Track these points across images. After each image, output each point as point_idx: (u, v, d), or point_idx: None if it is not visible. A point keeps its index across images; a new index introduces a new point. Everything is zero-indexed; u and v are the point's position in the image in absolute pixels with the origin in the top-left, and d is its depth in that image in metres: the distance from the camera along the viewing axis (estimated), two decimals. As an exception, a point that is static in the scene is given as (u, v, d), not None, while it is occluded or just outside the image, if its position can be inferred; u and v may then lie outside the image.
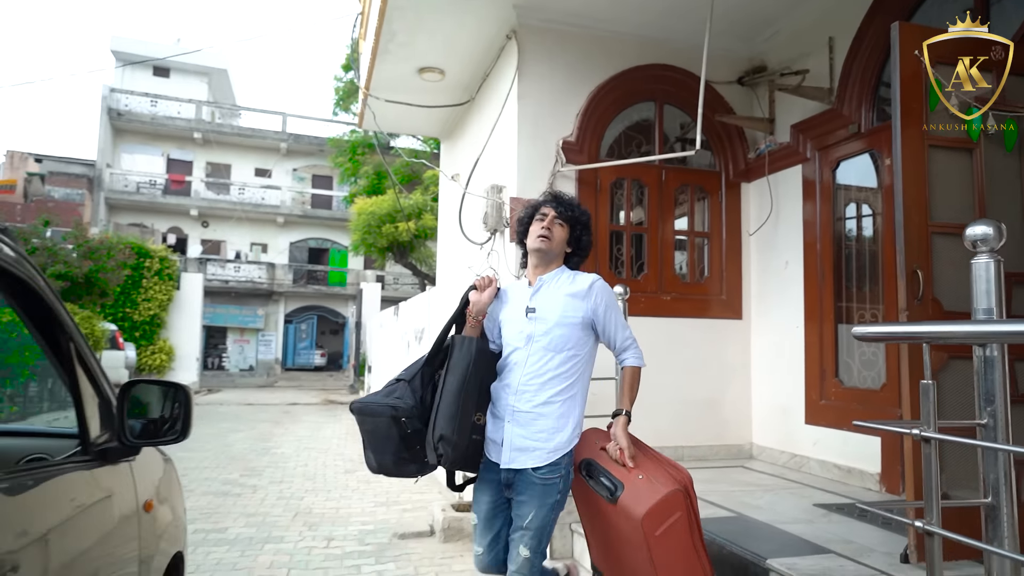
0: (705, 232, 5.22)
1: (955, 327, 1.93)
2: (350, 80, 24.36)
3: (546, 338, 2.25)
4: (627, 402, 2.28)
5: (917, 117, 2.67)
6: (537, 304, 2.31)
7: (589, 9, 4.69)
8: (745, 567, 2.65)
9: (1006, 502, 1.76)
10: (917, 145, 2.65)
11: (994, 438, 1.78)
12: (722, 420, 4.95)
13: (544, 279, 2.36)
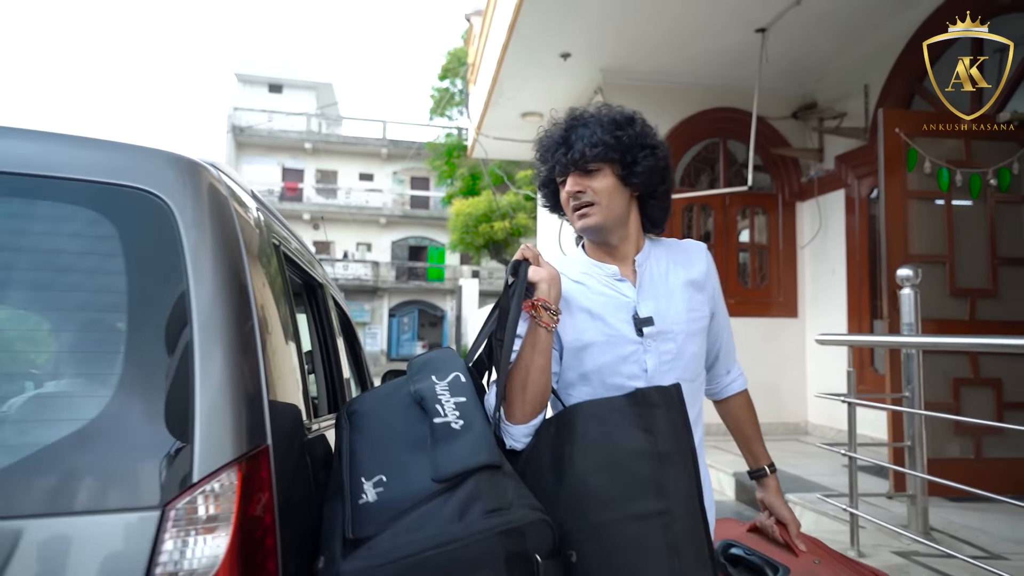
0: (765, 244, 6.22)
1: (885, 338, 3.00)
2: (444, 88, 26.10)
3: (678, 365, 1.32)
4: (766, 451, 1.50)
5: (899, 176, 3.66)
6: (652, 307, 1.33)
7: (661, 67, 5.78)
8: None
9: (921, 445, 2.84)
10: (898, 197, 3.64)
11: (912, 404, 2.85)
12: (780, 401, 5.96)
13: (641, 261, 1.38)
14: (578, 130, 1.32)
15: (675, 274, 1.37)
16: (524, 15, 4.91)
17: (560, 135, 1.34)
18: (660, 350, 1.29)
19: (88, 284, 1.02)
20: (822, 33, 5.06)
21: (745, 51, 5.22)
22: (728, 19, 4.89)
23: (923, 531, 2.78)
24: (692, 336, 1.33)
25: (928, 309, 3.68)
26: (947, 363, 3.67)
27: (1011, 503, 2.04)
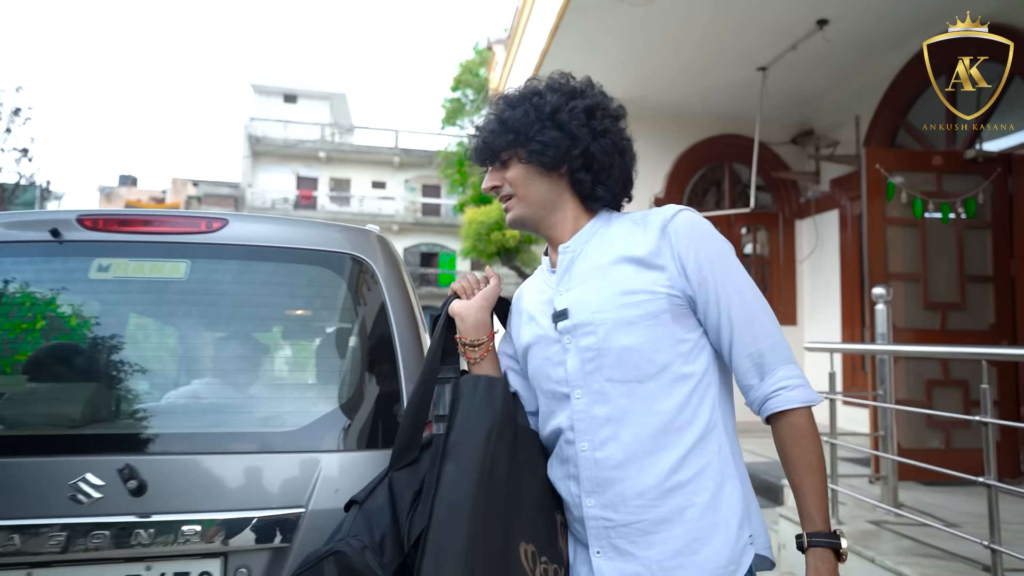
0: (766, 258, 6.80)
1: (860, 346, 3.58)
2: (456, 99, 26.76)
3: (605, 363, 1.12)
4: (820, 512, 1.08)
5: (879, 205, 4.25)
6: (570, 297, 1.18)
7: (672, 99, 6.38)
8: (770, 486, 4.35)
9: (892, 434, 3.42)
10: (878, 223, 4.23)
11: (884, 401, 3.42)
12: (780, 402, 6.52)
13: (572, 245, 1.22)
14: (491, 112, 1.23)
15: (610, 253, 1.16)
16: (551, 55, 5.52)
17: (479, 121, 1.25)
18: (579, 347, 1.13)
19: (327, 316, 1.63)
20: (817, 71, 5.66)
21: (748, 86, 5.81)
22: (732, 59, 5.49)
23: (893, 505, 3.35)
24: (625, 326, 1.09)
25: (906, 320, 4.27)
26: (921, 367, 4.25)
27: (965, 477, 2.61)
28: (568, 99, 1.19)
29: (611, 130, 1.20)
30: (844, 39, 4.97)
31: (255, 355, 1.57)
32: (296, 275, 1.62)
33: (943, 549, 2.78)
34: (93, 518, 1.33)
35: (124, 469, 1.34)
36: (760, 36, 5.10)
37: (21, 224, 1.58)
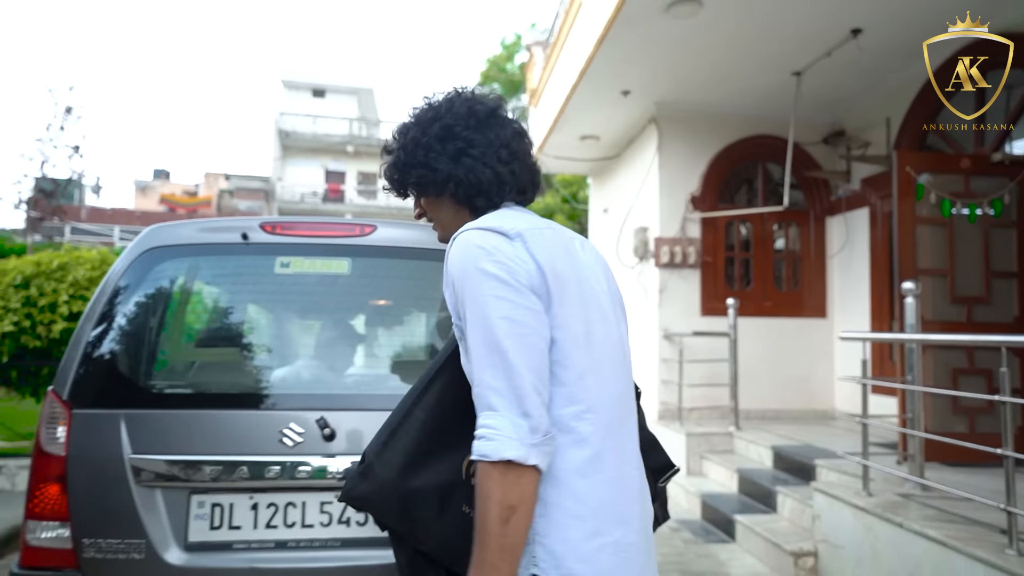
0: (798, 254, 7.09)
1: (892, 335, 3.90)
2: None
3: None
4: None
5: (909, 205, 4.54)
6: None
7: (707, 101, 6.68)
8: (803, 466, 4.68)
9: (920, 416, 3.73)
10: (908, 222, 4.52)
11: (912, 382, 3.73)
12: (810, 391, 6.83)
13: None
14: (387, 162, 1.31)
15: None
16: (595, 63, 5.86)
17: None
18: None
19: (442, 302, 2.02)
20: (850, 75, 5.92)
21: (782, 89, 6.10)
22: (768, 65, 5.78)
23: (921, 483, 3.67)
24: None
25: (933, 313, 4.57)
26: (948, 356, 4.54)
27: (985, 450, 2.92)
28: (424, 130, 1.22)
29: (474, 142, 1.19)
30: (877, 46, 5.24)
31: (406, 331, 1.96)
32: (433, 270, 2.00)
33: (965, 516, 3.11)
34: (296, 457, 1.73)
35: (319, 420, 1.74)
36: (796, 44, 5.39)
37: (216, 229, 1.99)
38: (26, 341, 5.20)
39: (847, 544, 3.53)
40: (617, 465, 1.07)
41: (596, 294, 1.14)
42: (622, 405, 1.12)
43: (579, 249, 1.19)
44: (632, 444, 1.14)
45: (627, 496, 1.08)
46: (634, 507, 1.09)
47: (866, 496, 3.54)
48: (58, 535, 1.73)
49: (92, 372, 1.82)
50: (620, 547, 1.04)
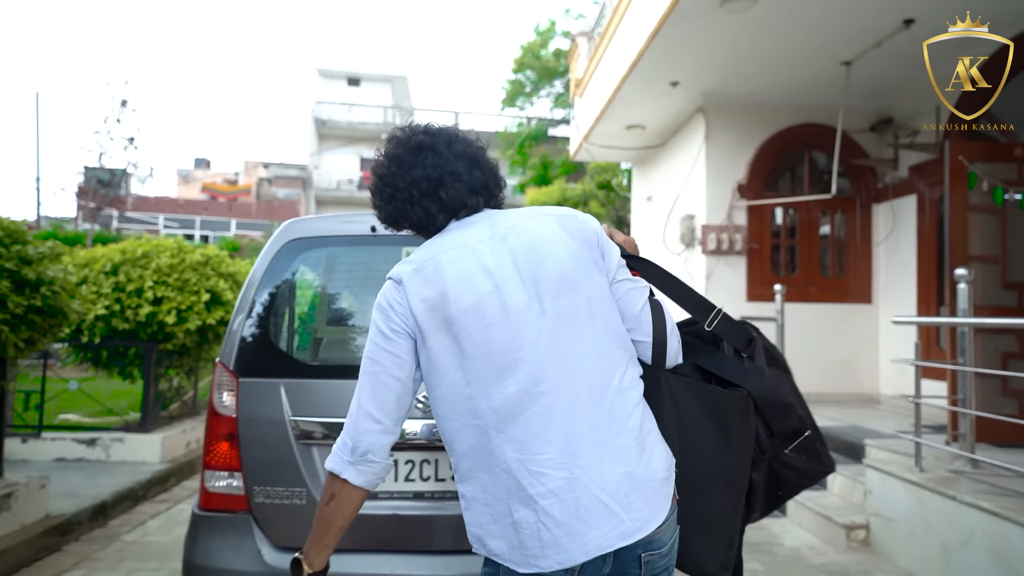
0: (843, 240, 7.20)
1: (946, 319, 4.05)
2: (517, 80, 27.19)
3: None
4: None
5: (961, 193, 4.65)
6: None
7: (754, 90, 6.79)
8: (852, 445, 4.86)
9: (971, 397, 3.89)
10: (960, 210, 4.64)
11: (964, 364, 3.88)
12: (855, 375, 6.96)
13: None
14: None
15: None
16: (646, 56, 6.02)
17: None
18: None
19: None
20: (900, 64, 5.99)
21: (830, 78, 6.20)
22: (817, 55, 5.89)
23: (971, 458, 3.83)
24: None
25: (984, 299, 4.69)
26: (998, 341, 4.67)
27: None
28: (379, 189, 1.41)
29: (415, 184, 1.35)
30: (928, 35, 5.32)
31: None
32: None
33: (1016, 491, 3.28)
34: (429, 420, 2.01)
35: None
36: (847, 34, 5.49)
37: (347, 222, 2.26)
38: (116, 324, 5.60)
39: (899, 517, 3.72)
40: (521, 452, 1.21)
41: (482, 304, 1.25)
42: (531, 394, 1.23)
43: (487, 254, 1.30)
44: (562, 420, 1.23)
45: (538, 476, 1.21)
46: (551, 483, 1.20)
47: (919, 472, 3.72)
48: (229, 484, 2.03)
49: (250, 347, 2.11)
50: (526, 523, 1.20)
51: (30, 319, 3.62)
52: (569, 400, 1.23)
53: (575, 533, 1.19)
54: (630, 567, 1.23)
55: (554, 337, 1.25)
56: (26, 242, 3.71)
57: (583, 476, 1.20)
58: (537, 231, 1.33)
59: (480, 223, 1.36)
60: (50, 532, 3.91)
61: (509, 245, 1.31)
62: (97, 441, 5.57)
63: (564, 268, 1.29)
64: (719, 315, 1.45)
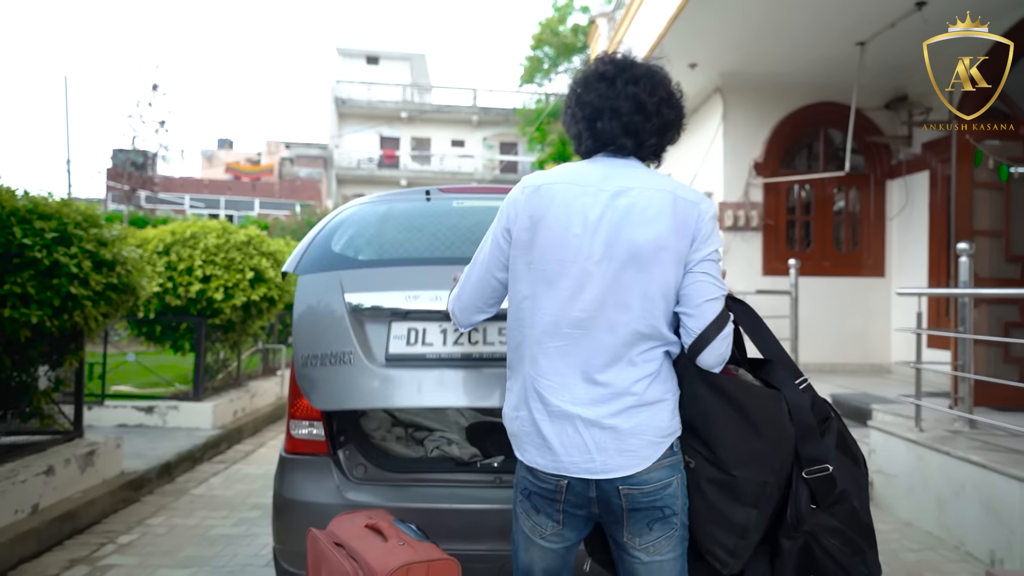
0: (857, 215, 7.41)
1: (945, 290, 4.32)
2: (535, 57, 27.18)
3: None
4: None
5: (967, 171, 4.87)
6: None
7: (771, 70, 6.98)
8: (859, 409, 5.16)
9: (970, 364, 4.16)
10: (967, 186, 4.87)
11: (964, 332, 4.16)
12: (868, 345, 7.22)
13: None
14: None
15: None
16: (666, 39, 6.25)
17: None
18: None
19: None
20: (913, 44, 6.12)
21: (844, 57, 6.38)
22: (832, 35, 6.07)
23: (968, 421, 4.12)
24: None
25: (990, 271, 4.94)
26: (1000, 311, 4.92)
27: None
28: (567, 103, 1.63)
29: (581, 107, 1.56)
30: (941, 16, 5.48)
31: None
32: None
33: (1007, 447, 3.58)
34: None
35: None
36: (861, 16, 5.67)
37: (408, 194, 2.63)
38: (169, 300, 6.02)
39: (900, 473, 4.04)
40: (540, 365, 1.45)
41: (566, 242, 1.43)
42: (564, 335, 1.43)
43: (595, 205, 1.44)
44: (583, 352, 1.43)
45: (541, 396, 1.44)
46: (550, 405, 1.43)
47: (918, 432, 4.03)
48: (310, 431, 2.39)
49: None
50: (527, 421, 1.47)
51: (107, 295, 4.02)
52: (587, 353, 1.43)
53: (554, 450, 1.43)
54: (612, 496, 1.42)
55: (602, 296, 1.42)
56: (101, 226, 4.10)
57: (575, 413, 1.41)
58: (647, 203, 1.43)
59: (614, 169, 1.49)
60: (126, 487, 4.35)
61: (616, 203, 1.43)
62: (155, 409, 6.03)
63: (643, 248, 1.41)
64: (805, 383, 1.52)
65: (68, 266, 3.69)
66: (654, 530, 1.43)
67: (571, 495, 1.44)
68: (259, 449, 5.92)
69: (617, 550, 1.49)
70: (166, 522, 3.89)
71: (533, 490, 1.49)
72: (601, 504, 1.44)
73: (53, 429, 4.32)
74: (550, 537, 1.51)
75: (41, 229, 3.68)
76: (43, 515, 3.61)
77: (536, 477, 1.48)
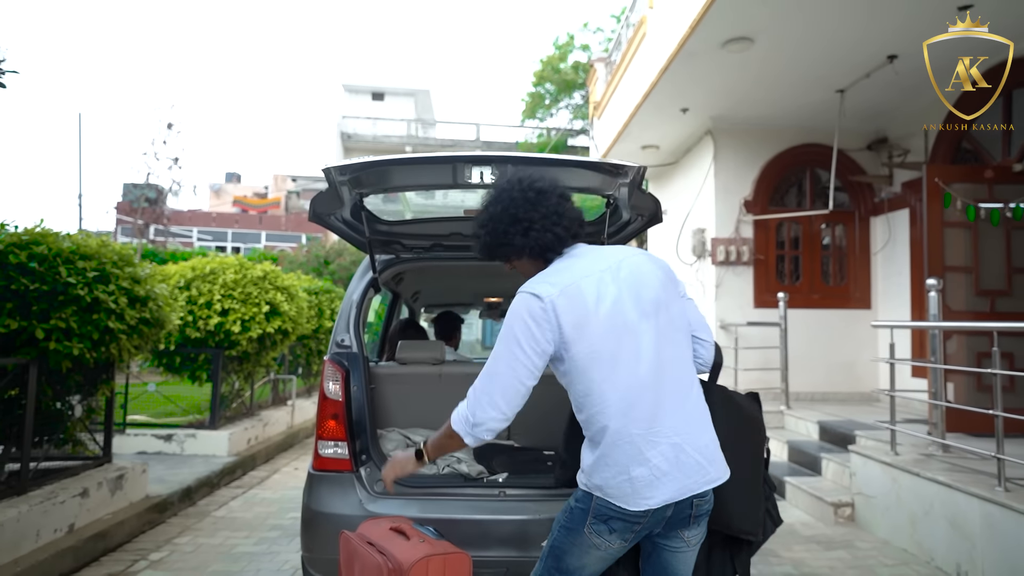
0: (844, 251, 7.77)
1: (915, 323, 4.65)
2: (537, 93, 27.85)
3: None
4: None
5: (937, 212, 5.23)
6: None
7: (759, 114, 7.41)
8: (844, 435, 5.45)
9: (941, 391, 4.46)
10: (937, 226, 5.22)
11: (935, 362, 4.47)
12: (855, 375, 7.51)
13: None
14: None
15: None
16: (658, 87, 6.68)
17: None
18: None
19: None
20: (889, 92, 6.57)
21: (826, 104, 6.79)
22: (813, 84, 6.49)
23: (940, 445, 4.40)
24: None
25: (964, 304, 5.26)
26: (973, 342, 5.23)
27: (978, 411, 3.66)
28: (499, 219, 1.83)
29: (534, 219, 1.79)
30: (912, 68, 5.91)
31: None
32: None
33: (971, 468, 3.86)
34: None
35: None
36: (839, 67, 6.09)
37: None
38: (189, 332, 6.36)
39: (877, 494, 4.31)
40: (629, 430, 1.63)
41: (612, 319, 1.66)
42: (647, 386, 1.64)
43: (609, 282, 1.70)
44: (667, 406, 1.66)
45: (654, 444, 1.63)
46: (663, 447, 1.63)
47: (893, 455, 4.31)
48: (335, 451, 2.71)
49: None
50: (635, 479, 1.62)
51: (140, 329, 4.36)
52: (672, 391, 1.67)
53: (675, 480, 1.62)
54: (684, 509, 1.66)
55: (658, 344, 1.68)
56: (135, 264, 4.46)
57: (682, 442, 1.64)
58: (639, 265, 1.75)
59: (591, 255, 1.79)
60: (152, 509, 4.64)
61: (622, 275, 1.72)
62: (173, 437, 6.33)
63: (659, 294, 1.72)
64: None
65: (107, 302, 4.04)
66: (701, 525, 1.74)
67: (652, 520, 1.66)
68: (273, 475, 6.20)
69: (652, 548, 1.76)
70: (192, 541, 4.17)
71: (613, 515, 1.66)
72: (671, 520, 1.68)
73: (84, 455, 4.63)
74: (613, 551, 1.70)
75: (83, 268, 4.04)
76: (79, 534, 3.90)
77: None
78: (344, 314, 2.97)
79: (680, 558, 1.75)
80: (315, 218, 2.90)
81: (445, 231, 3.31)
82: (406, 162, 2.61)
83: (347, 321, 2.91)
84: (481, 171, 2.51)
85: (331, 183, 2.66)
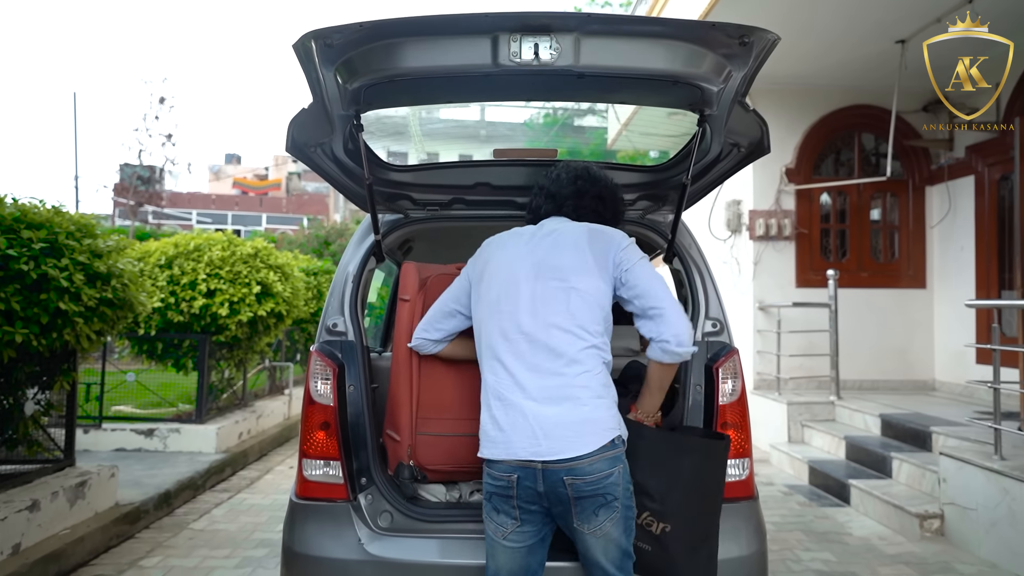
0: (895, 224, 7.02)
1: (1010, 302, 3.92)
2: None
3: None
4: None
5: (1032, 172, 4.50)
6: None
7: (803, 73, 6.64)
8: (916, 432, 4.75)
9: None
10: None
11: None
12: (908, 362, 6.81)
13: None
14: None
15: None
16: (695, 38, 5.90)
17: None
18: None
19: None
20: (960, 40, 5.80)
21: (883, 58, 6.02)
22: (872, 33, 5.72)
23: (1050, 446, 3.72)
24: None
25: (1055, 280, 4.54)
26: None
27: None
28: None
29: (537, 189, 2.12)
30: (991, 12, 5.14)
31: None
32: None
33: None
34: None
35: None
36: (905, 11, 5.32)
37: None
38: (171, 316, 5.68)
39: (979, 506, 3.62)
40: (486, 377, 1.79)
41: (505, 274, 1.83)
42: (515, 333, 1.76)
43: (523, 242, 1.88)
44: (533, 354, 1.73)
45: (499, 395, 1.73)
46: (506, 401, 1.72)
47: (999, 460, 3.62)
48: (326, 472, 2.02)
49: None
50: (494, 418, 1.73)
51: (101, 311, 3.67)
52: (531, 352, 1.73)
53: (506, 440, 1.69)
54: (558, 486, 1.64)
55: (534, 306, 1.76)
56: (95, 236, 3.76)
57: (525, 408, 1.68)
58: (565, 234, 1.85)
59: (548, 223, 1.95)
60: (121, 520, 3.98)
61: (541, 237, 1.88)
62: (155, 432, 5.67)
63: (562, 262, 1.79)
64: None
65: (58, 279, 3.35)
66: (600, 516, 1.66)
67: (521, 491, 1.69)
68: (265, 475, 5.54)
69: (571, 533, 1.72)
70: (162, 563, 3.51)
71: (488, 488, 1.76)
72: (552, 497, 1.67)
73: (43, 457, 3.97)
74: (513, 538, 1.73)
75: (29, 239, 3.35)
76: (25, 556, 3.25)
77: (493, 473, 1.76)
78: (337, 290, 2.25)
79: (590, 542, 1.69)
80: (295, 150, 2.11)
81: (469, 180, 2.51)
82: (420, 26, 1.70)
83: (341, 299, 2.20)
84: (536, 43, 1.74)
85: (312, 76, 1.82)
